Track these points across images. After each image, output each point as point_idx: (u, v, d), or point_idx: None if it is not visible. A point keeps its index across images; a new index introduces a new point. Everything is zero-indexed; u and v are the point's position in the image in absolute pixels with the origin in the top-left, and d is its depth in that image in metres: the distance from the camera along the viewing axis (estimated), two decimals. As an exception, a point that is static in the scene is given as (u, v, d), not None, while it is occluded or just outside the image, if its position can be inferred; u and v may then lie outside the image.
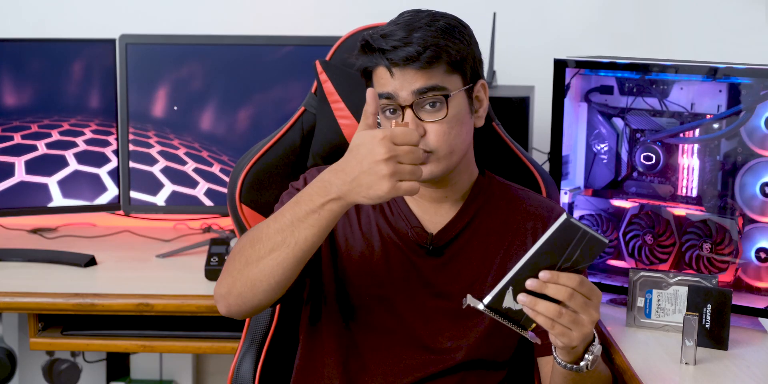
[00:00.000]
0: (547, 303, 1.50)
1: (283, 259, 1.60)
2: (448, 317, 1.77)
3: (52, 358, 2.64)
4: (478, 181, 1.83)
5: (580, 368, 1.59)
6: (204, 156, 2.56)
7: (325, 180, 1.56)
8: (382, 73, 1.69)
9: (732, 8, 2.71)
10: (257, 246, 1.61)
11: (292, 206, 1.59)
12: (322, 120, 1.98)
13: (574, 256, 1.50)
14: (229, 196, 2.02)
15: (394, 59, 1.66)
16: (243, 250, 1.64)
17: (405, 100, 1.68)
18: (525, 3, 2.77)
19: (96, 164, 2.57)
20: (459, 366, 1.77)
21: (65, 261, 2.41)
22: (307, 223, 1.57)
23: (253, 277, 1.62)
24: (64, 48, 2.51)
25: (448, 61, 1.68)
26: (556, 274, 1.50)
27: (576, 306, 1.50)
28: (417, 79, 1.67)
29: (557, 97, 2.12)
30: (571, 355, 1.59)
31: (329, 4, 2.80)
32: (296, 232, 1.58)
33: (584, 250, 1.50)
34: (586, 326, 1.51)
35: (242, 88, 2.52)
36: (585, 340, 1.56)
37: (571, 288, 1.50)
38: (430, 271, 1.78)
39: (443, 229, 1.79)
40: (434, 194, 1.79)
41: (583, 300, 1.51)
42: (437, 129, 1.69)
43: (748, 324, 1.97)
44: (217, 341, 2.26)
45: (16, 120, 2.50)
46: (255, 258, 1.62)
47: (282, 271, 1.61)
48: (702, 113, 2.02)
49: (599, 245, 1.50)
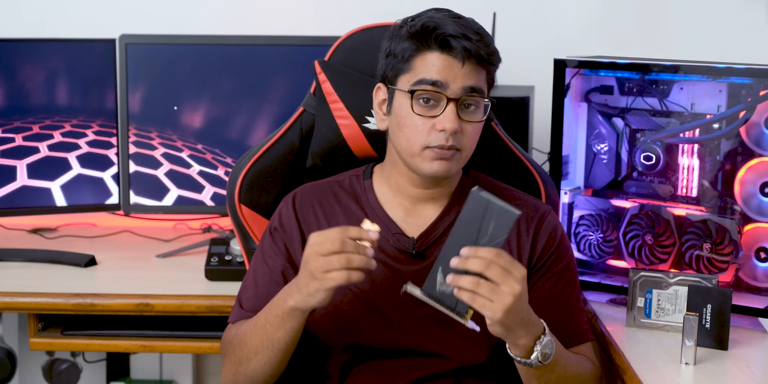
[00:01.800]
0: (467, 276, 1.52)
1: (268, 359, 1.70)
2: (436, 323, 1.74)
3: (52, 358, 2.65)
4: (462, 181, 1.83)
5: (530, 362, 1.60)
6: (209, 159, 2.55)
7: (284, 290, 1.66)
8: (434, 60, 1.68)
9: (732, 8, 2.71)
10: (244, 349, 1.72)
11: (266, 309, 1.69)
12: (321, 120, 1.98)
13: (489, 230, 1.53)
14: (228, 197, 2.02)
15: (459, 48, 1.66)
16: (234, 349, 1.74)
17: (454, 93, 1.67)
18: (525, 3, 2.77)
19: (100, 168, 2.56)
20: (455, 370, 1.76)
21: (65, 261, 2.41)
22: (277, 327, 1.66)
23: (249, 374, 1.73)
24: (64, 48, 2.51)
25: (492, 69, 1.71)
26: (474, 248, 1.53)
27: (495, 276, 1.51)
28: (471, 76, 1.68)
29: (557, 97, 2.12)
30: (519, 346, 1.59)
31: (329, 4, 2.80)
32: (270, 335, 1.67)
33: (497, 223, 1.52)
34: (506, 298, 1.51)
35: (242, 88, 2.52)
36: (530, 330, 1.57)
37: (488, 259, 1.51)
38: (414, 277, 1.75)
39: (425, 232, 1.78)
40: (422, 195, 1.78)
41: (502, 271, 1.51)
42: (471, 130, 1.70)
43: (748, 324, 1.97)
44: (217, 341, 2.24)
45: (17, 121, 2.50)
46: (245, 360, 1.72)
47: (270, 368, 1.71)
48: (702, 113, 2.02)
49: (509, 215, 1.52)
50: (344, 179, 1.85)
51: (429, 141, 1.68)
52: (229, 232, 2.62)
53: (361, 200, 1.81)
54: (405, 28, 1.71)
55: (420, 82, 1.68)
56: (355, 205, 1.81)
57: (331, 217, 1.80)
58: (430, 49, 1.68)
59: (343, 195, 1.82)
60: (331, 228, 1.58)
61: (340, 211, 1.81)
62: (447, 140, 1.67)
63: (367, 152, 1.96)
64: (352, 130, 1.94)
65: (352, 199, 1.82)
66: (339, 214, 1.80)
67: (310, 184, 1.87)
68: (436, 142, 1.68)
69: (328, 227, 1.76)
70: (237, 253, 2.37)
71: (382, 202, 1.80)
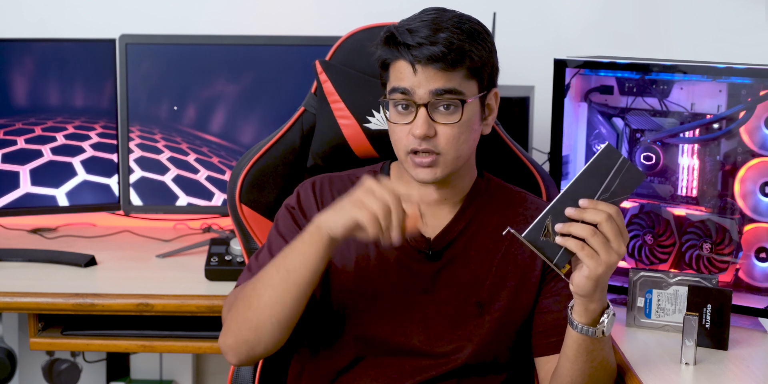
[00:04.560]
0: (582, 224, 1.54)
1: (281, 296, 1.64)
2: (447, 322, 1.76)
3: (52, 358, 2.65)
4: (477, 183, 1.83)
5: (596, 331, 1.61)
6: (215, 162, 2.55)
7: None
8: (402, 68, 1.69)
9: (732, 8, 2.71)
10: (258, 285, 1.67)
11: (289, 248, 1.66)
12: (322, 120, 1.98)
13: (612, 186, 1.55)
14: (228, 196, 2.02)
15: (418, 56, 1.66)
16: (238, 304, 1.69)
17: (421, 99, 1.68)
18: (525, 3, 2.77)
19: (106, 173, 2.56)
20: (459, 370, 1.76)
21: (65, 261, 2.41)
22: (296, 251, 1.63)
23: (255, 319, 1.67)
24: (64, 48, 2.51)
25: (469, 66, 1.69)
26: (594, 201, 1.55)
27: (609, 232, 1.54)
28: (437, 79, 1.67)
29: (557, 97, 2.12)
30: (588, 312, 1.60)
31: (329, 4, 2.80)
32: (287, 261, 1.64)
33: (623, 181, 1.55)
34: (613, 255, 1.54)
35: (242, 88, 2.52)
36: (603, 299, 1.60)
37: (607, 213, 1.54)
38: (428, 276, 1.77)
39: (441, 233, 1.78)
40: (434, 196, 1.79)
41: (617, 229, 1.54)
42: (448, 132, 1.69)
43: (748, 324, 1.97)
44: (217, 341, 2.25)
45: (19, 122, 2.49)
46: (255, 299, 1.66)
47: (281, 309, 1.65)
48: (702, 113, 2.02)
49: (638, 176, 1.55)
50: (362, 174, 1.85)
51: (408, 145, 1.70)
52: (229, 232, 2.62)
53: None
54: (380, 36, 1.73)
55: (393, 90, 1.70)
56: None
57: None
58: (396, 57, 1.70)
59: None
60: None
61: None
62: (420, 144, 1.69)
63: (368, 152, 1.96)
64: (353, 130, 1.94)
65: None
66: None
67: (328, 175, 1.87)
68: (412, 145, 1.70)
69: None
70: (237, 253, 2.37)
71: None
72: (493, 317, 1.76)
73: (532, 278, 1.78)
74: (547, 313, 1.77)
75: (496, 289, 1.77)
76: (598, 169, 1.55)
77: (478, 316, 1.76)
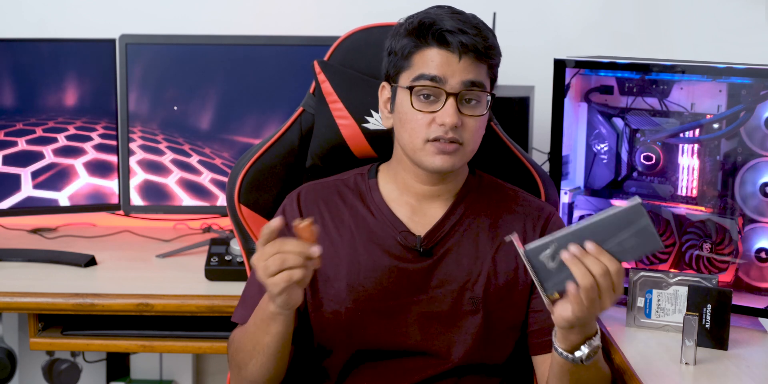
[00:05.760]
0: (586, 271, 1.50)
1: (262, 364, 1.70)
2: (440, 321, 1.76)
3: (52, 358, 2.64)
4: (468, 179, 1.83)
5: (576, 359, 1.60)
6: (218, 164, 2.55)
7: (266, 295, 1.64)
8: (433, 56, 1.69)
9: (732, 8, 2.71)
10: (240, 354, 1.73)
11: (254, 315, 1.70)
12: (321, 120, 1.98)
13: (625, 244, 1.50)
14: (227, 197, 2.02)
15: (455, 43, 1.66)
16: (234, 355, 1.77)
17: (453, 88, 1.68)
18: (525, 3, 2.77)
19: (109, 175, 2.55)
20: (456, 369, 1.76)
21: (65, 261, 2.41)
22: (264, 331, 1.66)
23: (248, 378, 1.74)
24: (64, 48, 2.51)
25: (491, 63, 1.71)
26: (600, 250, 1.51)
27: (603, 287, 1.51)
28: (470, 70, 1.68)
29: (557, 97, 2.12)
30: (568, 341, 1.59)
31: (329, 4, 2.80)
32: (260, 340, 1.68)
33: (637, 242, 1.50)
34: (597, 309, 1.52)
35: (241, 88, 2.52)
36: (586, 330, 1.57)
37: (607, 269, 1.50)
38: (420, 275, 1.77)
39: (432, 230, 1.78)
40: (428, 192, 1.79)
41: (611, 286, 1.51)
42: (473, 125, 1.70)
43: (748, 324, 1.97)
44: (217, 341, 2.26)
45: (20, 122, 2.49)
46: (243, 364, 1.73)
47: (267, 371, 1.71)
48: (702, 113, 2.02)
49: (653, 243, 1.50)
50: (349, 178, 1.85)
51: (429, 133, 1.69)
52: (229, 232, 2.61)
53: (366, 199, 1.81)
54: (404, 26, 1.73)
55: (419, 77, 1.69)
56: (361, 203, 1.81)
57: (336, 216, 1.80)
58: (427, 45, 1.69)
59: (348, 194, 1.82)
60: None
61: (346, 209, 1.81)
62: (447, 133, 1.68)
63: (367, 152, 1.96)
64: (352, 130, 1.94)
65: (357, 197, 1.82)
66: (344, 213, 1.80)
67: (314, 183, 1.87)
68: (435, 133, 1.69)
69: (333, 225, 1.77)
70: (237, 253, 2.37)
71: (387, 200, 1.80)
72: (488, 314, 1.76)
73: (525, 275, 1.78)
74: (540, 311, 1.77)
75: (490, 285, 1.77)
76: (619, 221, 1.50)
77: (473, 313, 1.76)
